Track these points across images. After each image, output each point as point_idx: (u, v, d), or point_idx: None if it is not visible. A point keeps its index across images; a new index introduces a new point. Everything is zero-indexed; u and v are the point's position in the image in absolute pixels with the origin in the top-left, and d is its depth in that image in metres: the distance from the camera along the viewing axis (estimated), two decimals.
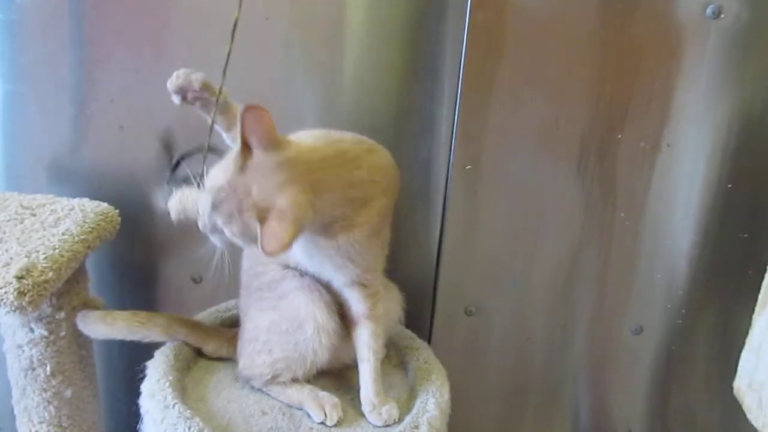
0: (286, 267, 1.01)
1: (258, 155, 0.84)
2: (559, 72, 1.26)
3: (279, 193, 0.83)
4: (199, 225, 0.88)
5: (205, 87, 0.95)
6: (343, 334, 1.04)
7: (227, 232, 0.86)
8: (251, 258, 1.04)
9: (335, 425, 1.01)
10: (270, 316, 1.01)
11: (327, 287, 1.01)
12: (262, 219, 0.82)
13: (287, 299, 1.00)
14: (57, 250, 1.08)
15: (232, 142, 0.98)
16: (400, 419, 1.01)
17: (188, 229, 1.38)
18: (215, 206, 0.85)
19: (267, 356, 1.03)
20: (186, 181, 0.92)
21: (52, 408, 1.16)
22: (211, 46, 1.28)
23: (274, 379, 1.04)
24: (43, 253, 1.06)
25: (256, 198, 0.83)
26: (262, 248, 0.82)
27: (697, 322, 1.41)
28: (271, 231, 0.82)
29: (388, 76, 1.28)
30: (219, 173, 0.85)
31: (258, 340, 1.03)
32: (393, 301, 1.12)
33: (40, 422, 1.17)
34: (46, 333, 1.12)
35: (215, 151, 0.93)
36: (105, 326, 1.10)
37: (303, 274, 1.00)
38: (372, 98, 1.29)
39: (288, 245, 0.81)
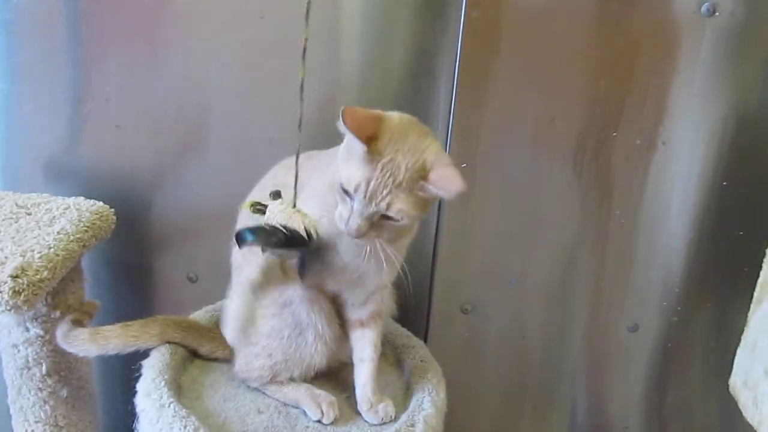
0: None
1: (374, 140, 0.85)
2: (555, 70, 1.26)
3: (422, 149, 0.86)
4: (348, 233, 0.87)
5: None
6: (341, 335, 1.04)
7: (394, 212, 0.86)
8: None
9: (331, 423, 1.01)
10: (271, 323, 1.01)
11: (329, 297, 1.02)
12: (425, 177, 0.85)
13: (290, 308, 1.00)
14: (52, 249, 1.08)
15: None
16: (396, 417, 1.01)
17: (184, 228, 1.40)
18: (371, 197, 0.85)
19: (266, 360, 1.03)
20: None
21: (47, 407, 1.16)
22: (207, 45, 1.28)
23: (272, 380, 1.04)
24: (39, 252, 1.06)
25: (408, 165, 0.85)
26: (451, 191, 0.84)
27: (692, 319, 1.42)
28: (443, 176, 0.85)
29: (384, 74, 1.28)
30: (352, 173, 0.85)
31: (257, 345, 1.03)
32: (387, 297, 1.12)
33: (36, 422, 1.17)
34: (41, 332, 1.12)
35: None
36: (97, 346, 1.06)
37: (308, 286, 1.00)
38: (368, 96, 1.29)
39: (463, 180, 0.84)
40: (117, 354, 1.08)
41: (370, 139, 0.85)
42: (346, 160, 0.87)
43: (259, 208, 0.94)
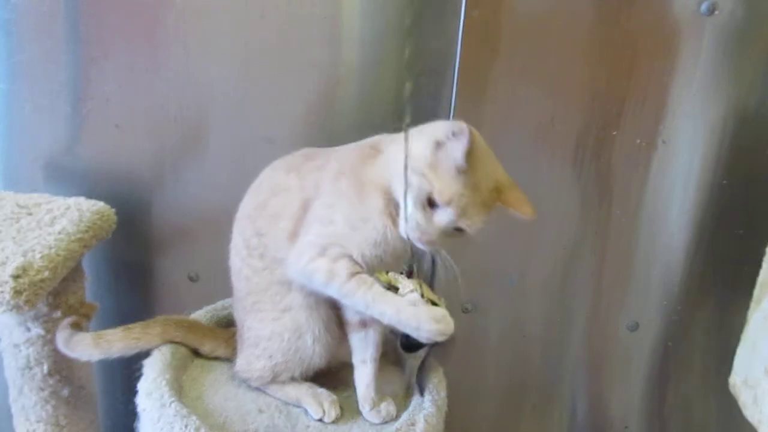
0: (285, 283, 1.01)
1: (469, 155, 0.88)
2: (555, 69, 1.26)
3: (494, 169, 0.91)
4: (419, 241, 0.91)
5: None
6: (340, 337, 1.04)
7: (473, 229, 0.90)
8: (253, 282, 1.03)
9: (333, 422, 1.01)
10: (271, 327, 1.02)
11: (329, 303, 1.02)
12: (500, 198, 0.91)
13: (290, 313, 1.00)
14: (53, 249, 1.08)
15: None
16: (397, 416, 1.02)
17: (185, 227, 1.40)
18: (461, 213, 0.89)
19: (267, 361, 1.03)
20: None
21: (49, 407, 1.16)
22: (207, 45, 1.28)
23: (273, 380, 1.04)
24: (40, 252, 1.06)
25: (487, 185, 0.89)
26: (526, 214, 0.92)
27: (693, 318, 1.42)
28: (518, 199, 0.92)
29: (384, 73, 1.28)
30: (446, 186, 0.88)
31: (257, 347, 1.03)
32: None
33: (38, 421, 1.17)
34: (42, 332, 1.12)
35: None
36: (100, 350, 1.05)
37: (309, 293, 1.00)
38: (368, 95, 1.29)
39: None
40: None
41: (467, 155, 0.86)
42: (434, 171, 0.87)
43: (390, 288, 0.95)
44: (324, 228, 0.95)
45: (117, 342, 1.06)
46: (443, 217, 0.89)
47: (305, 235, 0.96)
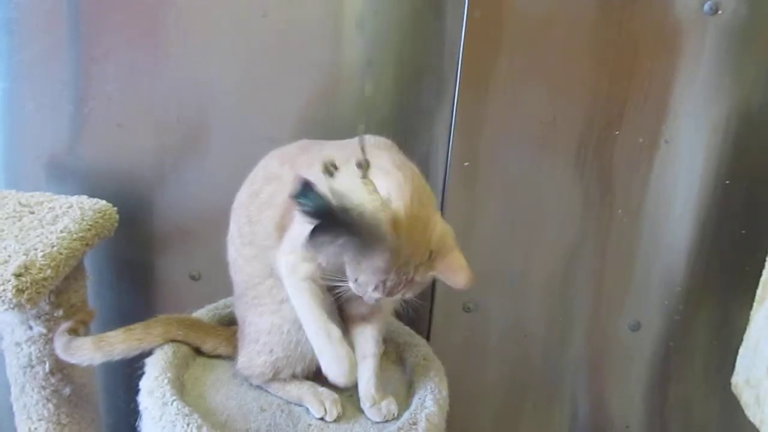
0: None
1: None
2: (557, 68, 1.26)
3: (427, 238, 0.88)
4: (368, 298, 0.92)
5: None
6: (342, 329, 1.04)
7: (403, 295, 0.91)
8: (246, 272, 1.04)
9: (334, 421, 1.01)
10: (271, 320, 1.01)
11: (328, 293, 1.01)
12: (433, 268, 0.89)
13: (289, 303, 1.00)
14: (55, 248, 1.08)
15: None
16: (399, 415, 1.02)
17: (186, 226, 1.40)
18: (388, 293, 0.90)
19: (268, 356, 1.03)
20: None
21: (51, 405, 1.17)
22: (209, 44, 1.28)
23: (275, 377, 1.04)
24: (42, 251, 1.06)
25: (416, 263, 0.88)
26: (458, 284, 0.88)
27: (694, 318, 1.42)
28: (453, 266, 0.88)
29: (386, 72, 1.28)
30: (367, 279, 0.88)
31: (258, 342, 1.03)
32: None
33: (39, 420, 1.17)
34: (44, 330, 1.12)
35: None
36: (102, 353, 1.05)
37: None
38: (369, 96, 1.29)
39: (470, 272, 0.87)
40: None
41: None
42: (355, 263, 0.88)
43: (331, 169, 0.91)
44: (301, 226, 0.94)
45: (119, 344, 1.05)
46: (373, 295, 0.91)
47: (290, 231, 0.96)
